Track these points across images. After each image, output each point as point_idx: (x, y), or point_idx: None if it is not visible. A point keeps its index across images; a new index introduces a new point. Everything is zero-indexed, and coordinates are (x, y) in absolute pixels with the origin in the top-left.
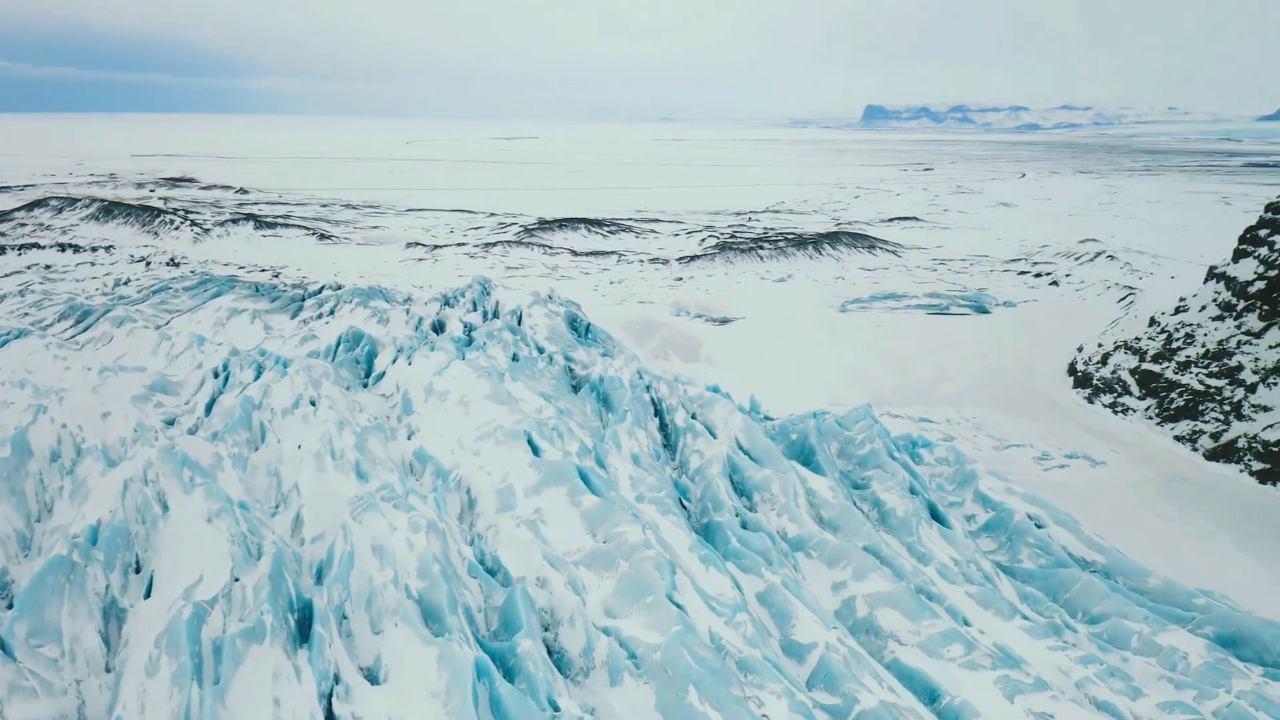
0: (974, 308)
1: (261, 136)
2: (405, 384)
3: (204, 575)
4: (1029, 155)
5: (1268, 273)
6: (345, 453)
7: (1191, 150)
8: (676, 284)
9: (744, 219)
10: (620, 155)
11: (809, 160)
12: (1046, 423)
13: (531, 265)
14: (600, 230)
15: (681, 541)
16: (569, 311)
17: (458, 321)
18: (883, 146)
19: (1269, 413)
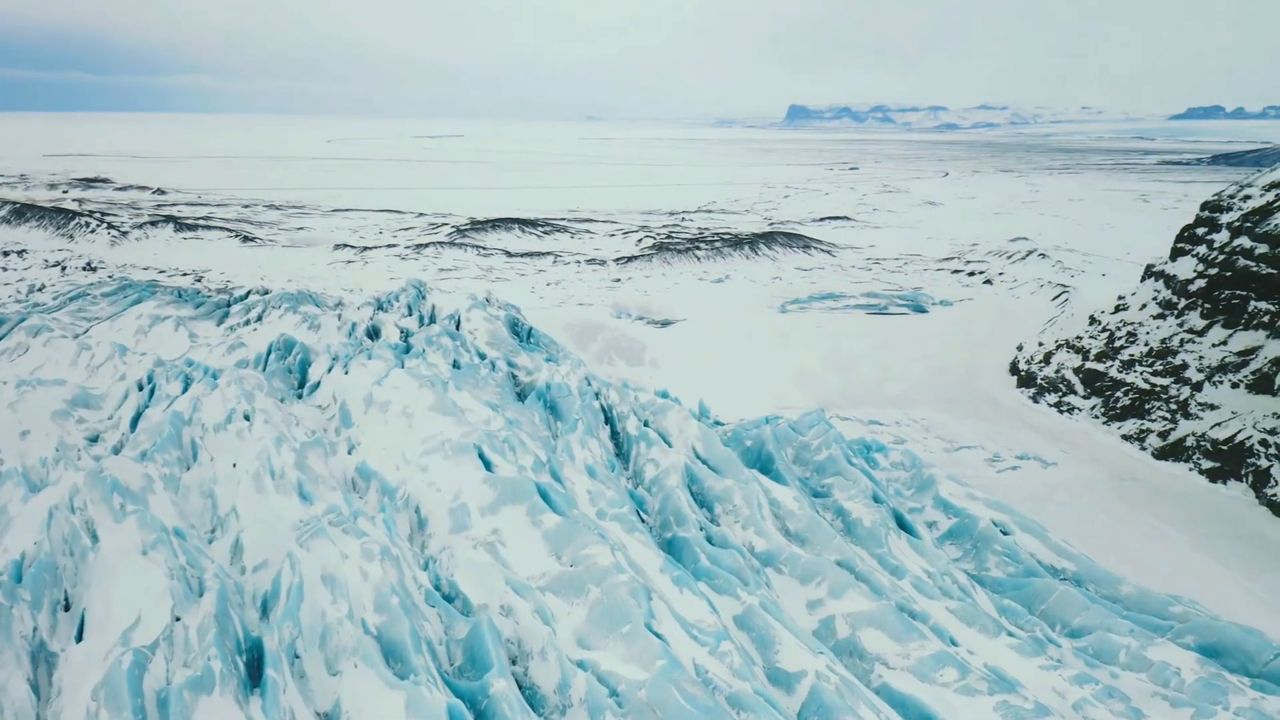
0: (912, 307)
1: (177, 135)
2: (342, 394)
3: (142, 615)
4: (950, 154)
5: (1208, 271)
6: (285, 471)
7: (1107, 149)
8: (615, 285)
9: (678, 219)
10: (549, 154)
11: (736, 160)
12: (994, 423)
13: (465, 267)
14: (535, 231)
15: (651, 562)
16: (509, 315)
17: (393, 327)
18: (807, 146)
19: (1216, 411)
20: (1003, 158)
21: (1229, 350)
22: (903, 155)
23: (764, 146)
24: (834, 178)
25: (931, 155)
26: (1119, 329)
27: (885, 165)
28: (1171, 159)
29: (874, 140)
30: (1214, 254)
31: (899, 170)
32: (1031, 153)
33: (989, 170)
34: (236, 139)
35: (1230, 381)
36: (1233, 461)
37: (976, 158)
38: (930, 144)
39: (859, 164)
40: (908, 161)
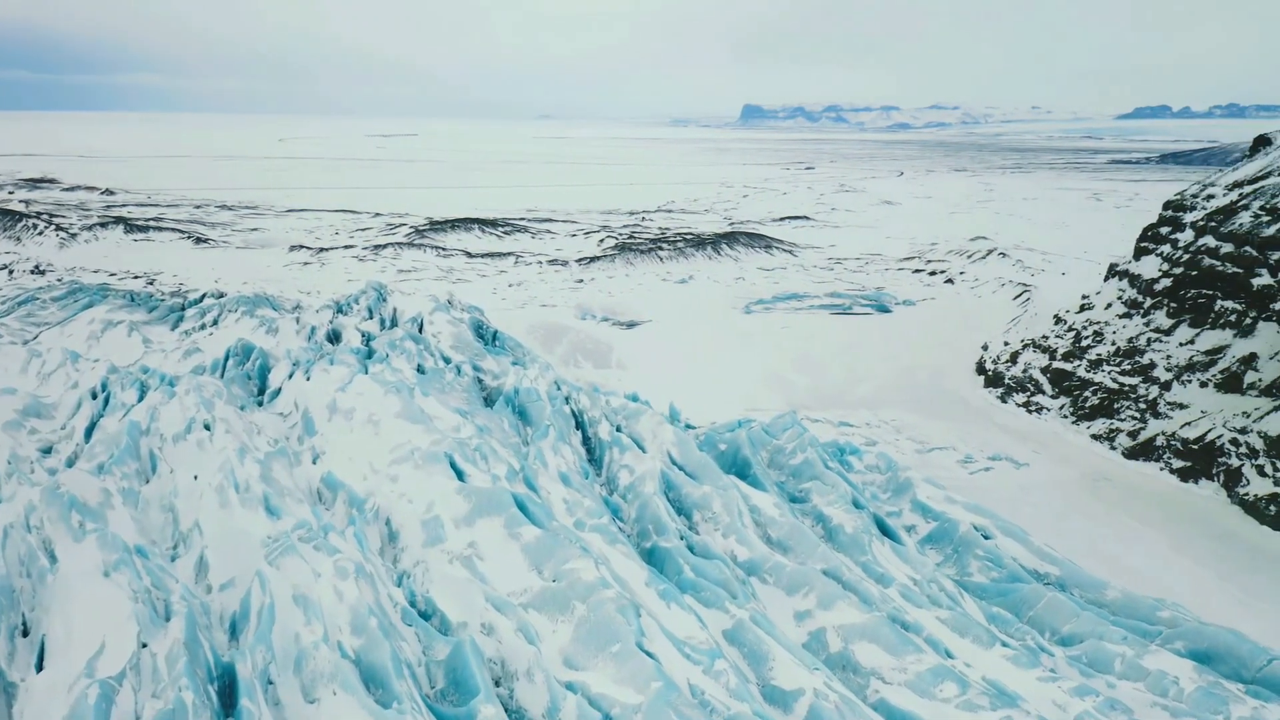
0: (876, 307)
1: (125, 134)
2: (304, 401)
3: (106, 642)
4: (904, 154)
5: (1173, 270)
6: (250, 484)
7: (1058, 148)
8: (578, 286)
9: (638, 218)
10: (504, 153)
11: (693, 159)
12: (964, 424)
13: (425, 268)
14: (495, 231)
15: (636, 575)
16: (473, 318)
17: (354, 331)
18: (763, 145)
19: (1185, 410)
20: (956, 157)
21: (1196, 349)
22: (857, 155)
23: (720, 146)
24: (791, 177)
25: (885, 155)
26: (1085, 328)
27: (841, 165)
28: (1121, 158)
29: (828, 140)
30: (1179, 253)
31: (854, 170)
32: (984, 152)
33: (943, 170)
34: (186, 138)
35: (1199, 381)
36: (1204, 461)
37: (930, 157)
38: (884, 143)
39: (815, 164)
40: (862, 161)
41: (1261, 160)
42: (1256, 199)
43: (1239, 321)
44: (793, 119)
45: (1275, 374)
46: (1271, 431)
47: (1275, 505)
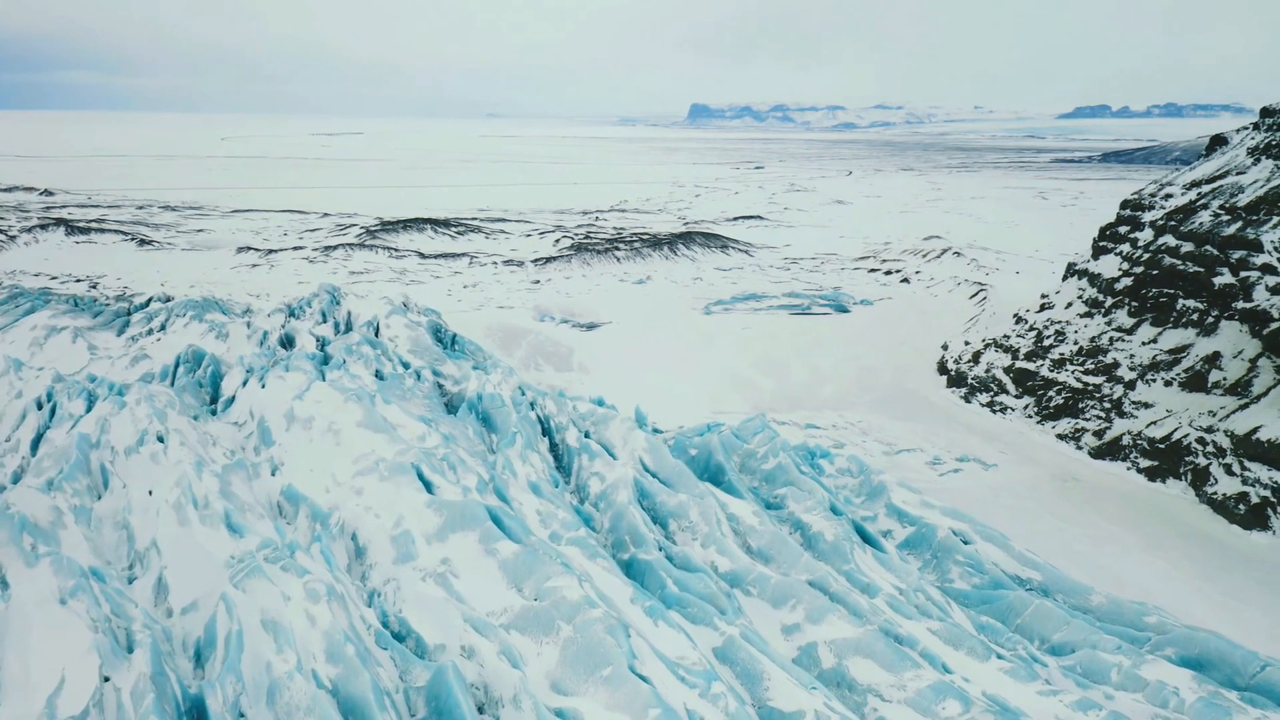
0: (834, 307)
1: (61, 133)
2: (260, 410)
3: (66, 676)
4: (851, 153)
5: (1133, 270)
6: (210, 500)
7: (1001, 147)
8: (534, 287)
9: (592, 218)
10: (452, 152)
11: (643, 158)
12: (930, 424)
13: (377, 269)
14: (448, 231)
15: (620, 592)
16: (431, 321)
17: (308, 335)
18: (712, 145)
19: (1150, 410)
20: (902, 156)
21: (1159, 348)
22: (805, 154)
23: (669, 145)
24: (741, 177)
25: (833, 154)
26: (1046, 328)
27: (790, 164)
28: (1064, 157)
29: (776, 139)
30: (1139, 252)
31: (804, 169)
32: (929, 151)
33: (890, 169)
34: (125, 137)
35: (1163, 380)
36: (1171, 460)
37: (877, 156)
38: (831, 143)
39: (764, 163)
40: (811, 160)
41: (1218, 160)
42: (1215, 198)
43: (1201, 320)
44: (740, 118)
45: (1239, 373)
46: (1238, 430)
47: (1244, 504)
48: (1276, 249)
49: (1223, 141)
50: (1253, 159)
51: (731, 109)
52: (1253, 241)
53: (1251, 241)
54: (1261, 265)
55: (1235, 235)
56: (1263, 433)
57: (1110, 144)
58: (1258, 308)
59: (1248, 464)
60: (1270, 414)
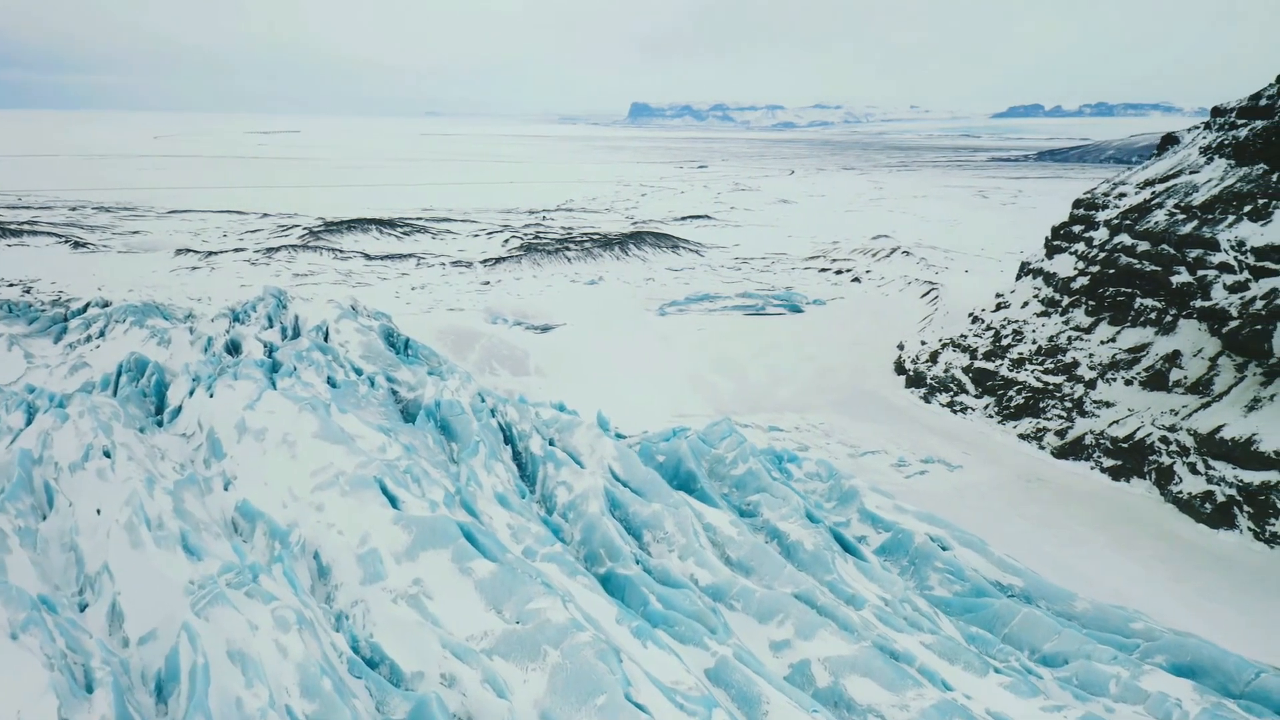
0: (788, 307)
1: None
2: (209, 421)
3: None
4: (792, 152)
5: (1089, 269)
6: (164, 519)
7: (939, 146)
8: (485, 288)
9: (539, 217)
10: (392, 150)
11: (587, 157)
12: (891, 426)
13: (322, 271)
14: (393, 231)
15: (604, 612)
16: (383, 325)
17: (255, 341)
18: (654, 144)
19: (1112, 409)
20: (842, 155)
21: (1119, 347)
22: (747, 153)
23: (612, 144)
24: (686, 176)
25: (774, 153)
26: (1004, 327)
27: (733, 163)
28: (1000, 156)
29: (717, 138)
30: (1094, 252)
31: (746, 168)
32: (869, 150)
33: (832, 168)
34: (53, 135)
35: (1124, 379)
36: (1134, 459)
37: (817, 156)
38: (772, 142)
39: (707, 162)
40: (753, 160)
41: (1170, 159)
42: (1170, 197)
43: (1160, 319)
44: (680, 117)
45: (1200, 371)
46: (1201, 429)
47: (1210, 503)
48: (1233, 248)
49: (1174, 141)
50: (1205, 158)
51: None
52: (1209, 240)
53: (1208, 240)
54: (1219, 264)
55: (1192, 234)
56: (1226, 431)
57: (1045, 143)
58: (1216, 306)
59: (1212, 463)
60: (1233, 412)
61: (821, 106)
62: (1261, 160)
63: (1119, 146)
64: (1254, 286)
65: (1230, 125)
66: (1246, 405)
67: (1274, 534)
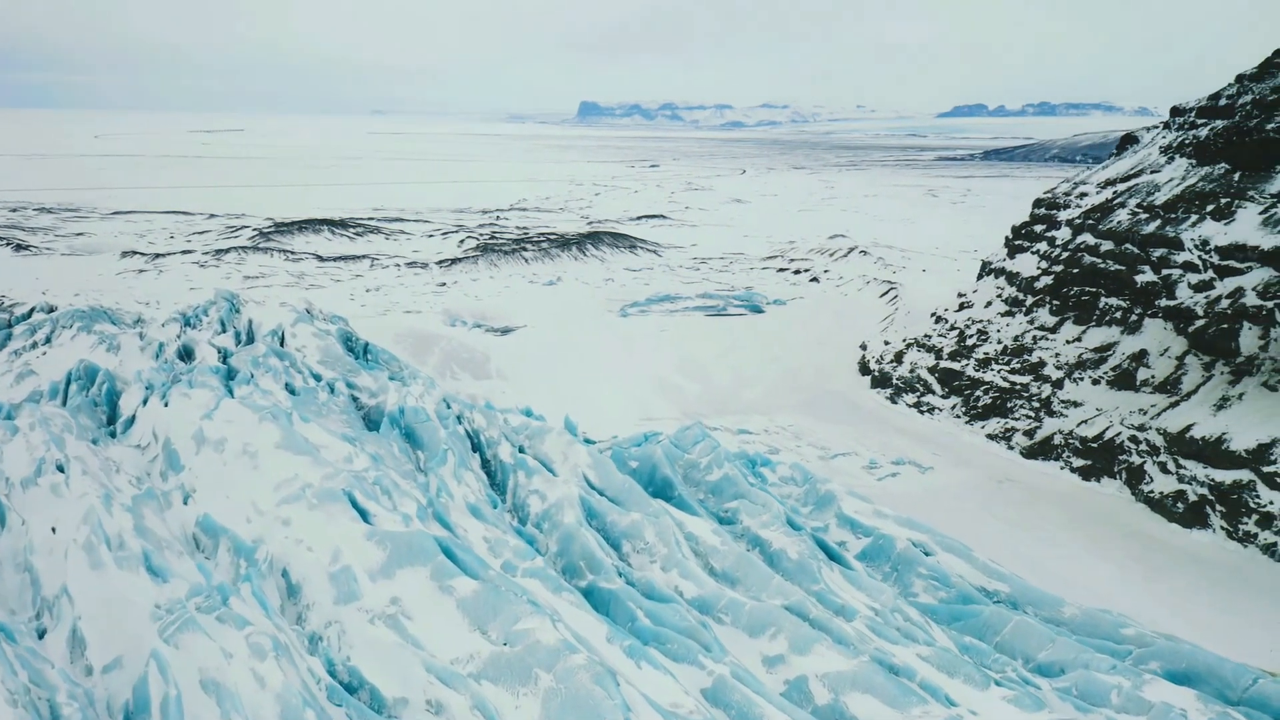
0: (749, 307)
1: None
2: (165, 431)
3: None
4: (742, 152)
5: (1053, 268)
6: (124, 538)
7: (886, 145)
8: (441, 290)
9: (492, 217)
10: (340, 149)
11: (538, 156)
12: (859, 427)
13: (274, 273)
14: (345, 232)
15: (594, 630)
16: (341, 329)
17: (208, 347)
18: (604, 143)
19: (1080, 408)
20: (792, 155)
21: (1085, 347)
22: (698, 153)
23: (562, 143)
24: (638, 175)
25: (724, 153)
26: (968, 327)
27: (684, 163)
28: (947, 155)
29: (667, 138)
30: (1057, 251)
31: (698, 168)
32: (817, 150)
33: (782, 168)
34: None
35: (1090, 378)
36: (1104, 458)
37: (768, 155)
38: (721, 141)
39: (659, 161)
40: (703, 159)
41: (1130, 159)
42: (1132, 197)
43: (1125, 319)
44: (629, 116)
45: (1167, 371)
46: (1170, 428)
47: (1182, 503)
48: (1197, 247)
49: (1134, 140)
50: (1166, 157)
51: (621, 107)
52: (1173, 240)
53: (1172, 240)
54: (1183, 263)
55: (1155, 234)
56: (1196, 430)
57: (990, 142)
58: (1181, 305)
59: (1183, 462)
60: (1202, 411)
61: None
62: (1223, 160)
63: (1063, 145)
64: (1219, 285)
65: (1190, 125)
66: (1215, 404)
67: (1247, 533)
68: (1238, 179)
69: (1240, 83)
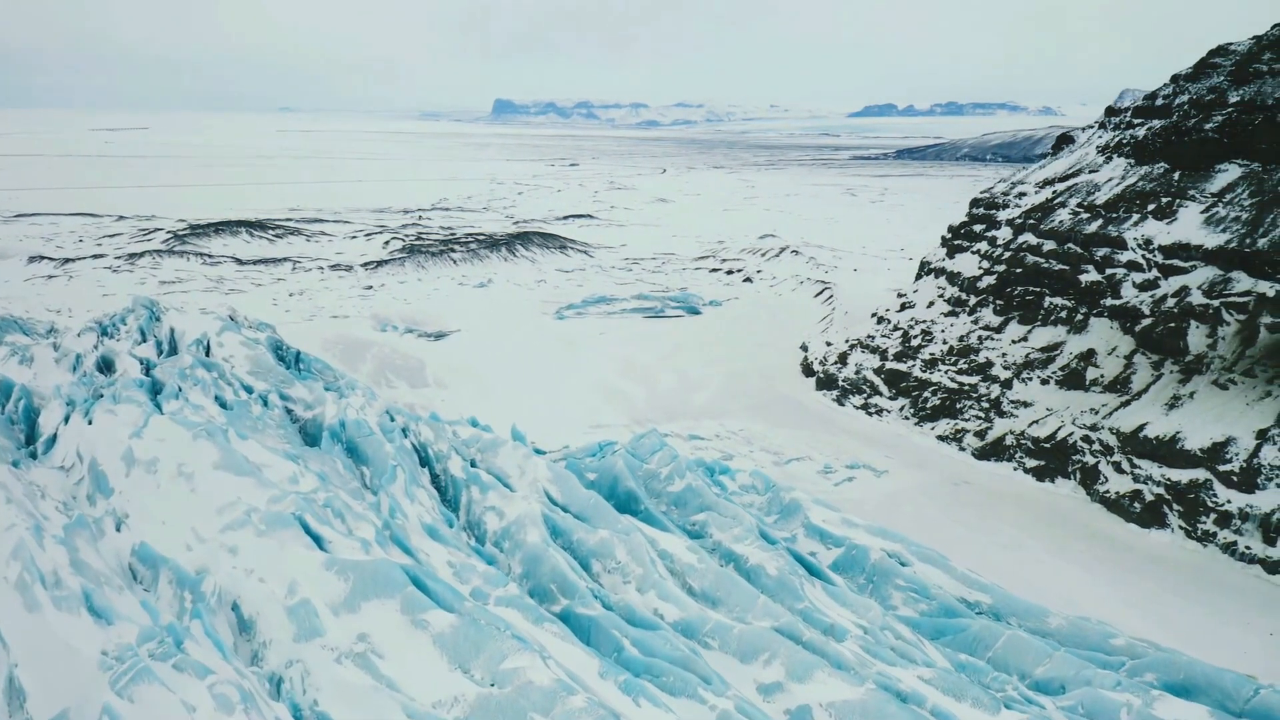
0: (686, 309)
1: None
2: (90, 451)
3: None
4: (660, 151)
5: (995, 268)
6: (60, 575)
7: (801, 145)
8: (368, 293)
9: (414, 217)
10: (249, 147)
11: (454, 154)
12: (811, 430)
13: (191, 278)
14: (264, 234)
15: (584, 665)
16: (270, 337)
17: (129, 358)
18: (521, 141)
19: (1030, 409)
20: (710, 154)
21: (1031, 346)
22: (617, 151)
23: (479, 141)
24: (559, 174)
25: (643, 152)
26: (912, 327)
27: (604, 161)
28: (861, 154)
29: (586, 136)
30: (998, 251)
31: (618, 167)
32: (735, 149)
33: (702, 167)
34: None
35: (1039, 378)
36: (1057, 459)
37: (686, 154)
38: (639, 140)
39: (578, 160)
40: (623, 158)
41: (1068, 158)
42: (1072, 196)
43: (1071, 318)
44: (545, 114)
45: (1116, 370)
46: (1123, 428)
47: (1139, 503)
48: (1140, 246)
49: (1069, 140)
50: (1104, 157)
51: (536, 105)
52: (1116, 239)
53: (1114, 239)
54: (1127, 262)
55: (1097, 233)
56: (1149, 430)
57: (901, 141)
58: (1127, 305)
59: (1137, 461)
60: (1154, 411)
61: (684, 105)
62: (1162, 159)
63: (973, 145)
64: (1164, 285)
65: (1127, 125)
66: (1167, 403)
67: (1206, 532)
68: (1178, 178)
69: (1176, 83)
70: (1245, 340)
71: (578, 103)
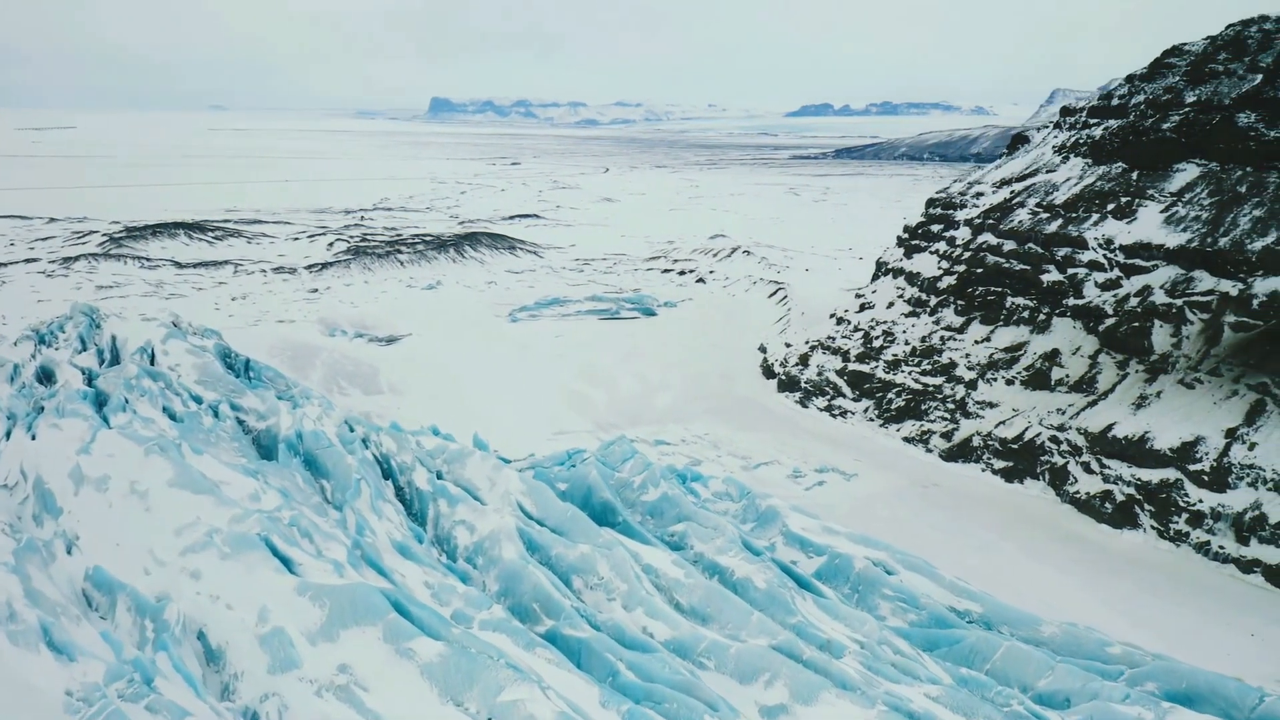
0: (641, 310)
1: None
2: (34, 468)
3: None
4: (601, 150)
5: (955, 268)
6: (15, 608)
7: (741, 144)
8: (314, 296)
9: (356, 218)
10: (180, 146)
11: (392, 153)
12: (776, 433)
13: (130, 283)
14: (203, 236)
15: (584, 694)
16: (218, 344)
17: (70, 368)
18: (460, 140)
19: (996, 409)
20: (651, 153)
21: (994, 347)
22: (557, 150)
23: (416, 139)
24: (500, 173)
25: (584, 151)
26: (872, 328)
27: (545, 160)
28: (800, 154)
29: (525, 135)
30: (958, 251)
31: (560, 165)
32: (675, 149)
33: (644, 166)
34: None
35: (1004, 379)
36: (1025, 459)
37: (627, 153)
38: (579, 139)
39: (519, 159)
40: (564, 157)
41: (1024, 158)
42: (1030, 196)
43: (1033, 318)
44: (482, 113)
45: (1081, 370)
46: (1091, 428)
47: (1110, 503)
48: (1101, 246)
49: (1025, 140)
50: (1061, 157)
51: (473, 103)
52: (1076, 239)
53: (1075, 239)
54: (1088, 262)
55: (1058, 233)
56: (1118, 430)
57: (839, 140)
58: (1090, 304)
59: (1106, 462)
60: (1121, 410)
61: (623, 104)
62: (1120, 159)
63: (910, 144)
64: (1126, 284)
65: (1083, 124)
66: (1133, 403)
67: (1179, 532)
68: (1136, 178)
69: (1131, 83)
70: (1210, 339)
71: (516, 101)
